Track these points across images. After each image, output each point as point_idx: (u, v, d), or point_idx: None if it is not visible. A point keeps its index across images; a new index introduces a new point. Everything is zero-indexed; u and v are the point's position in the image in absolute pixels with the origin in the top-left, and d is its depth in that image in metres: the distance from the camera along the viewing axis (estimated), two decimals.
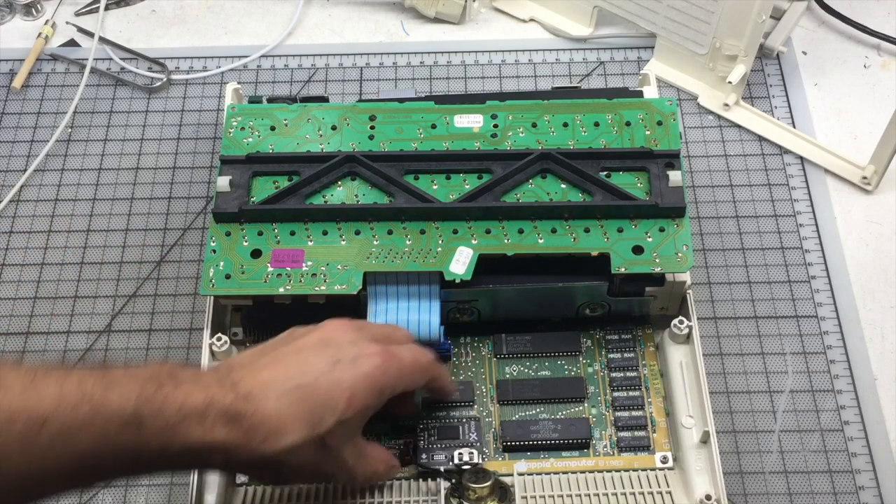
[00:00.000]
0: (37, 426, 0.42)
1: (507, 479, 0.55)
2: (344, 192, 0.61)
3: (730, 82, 0.74)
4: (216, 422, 0.45)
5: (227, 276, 0.58)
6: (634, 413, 0.59)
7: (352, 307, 0.59)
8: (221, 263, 0.59)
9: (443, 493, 0.54)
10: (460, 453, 0.57)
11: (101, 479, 0.48)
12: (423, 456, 0.58)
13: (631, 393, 0.60)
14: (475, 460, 0.57)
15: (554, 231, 0.59)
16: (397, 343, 0.53)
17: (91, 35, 0.82)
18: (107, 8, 0.84)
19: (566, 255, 0.58)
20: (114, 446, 0.43)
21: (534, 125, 0.63)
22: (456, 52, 0.82)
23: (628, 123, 0.63)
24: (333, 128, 0.63)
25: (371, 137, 0.63)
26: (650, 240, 0.58)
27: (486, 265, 0.58)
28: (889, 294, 0.68)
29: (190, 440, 0.45)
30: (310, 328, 0.52)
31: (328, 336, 0.51)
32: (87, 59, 0.79)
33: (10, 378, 0.42)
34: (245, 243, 0.59)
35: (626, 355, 0.61)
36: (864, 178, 0.72)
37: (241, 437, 0.46)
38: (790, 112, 0.78)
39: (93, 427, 0.43)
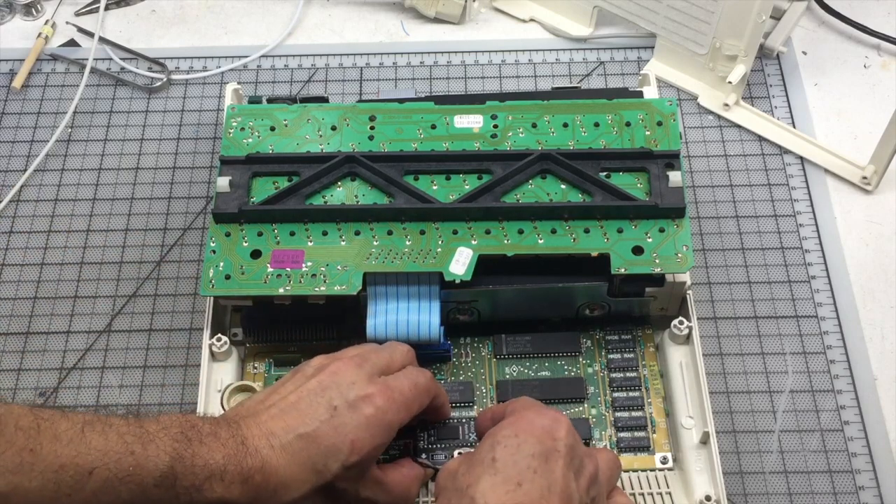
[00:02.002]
0: (85, 476, 0.44)
1: None
2: (344, 193, 0.61)
3: (730, 82, 0.74)
4: (233, 481, 0.47)
5: (227, 277, 0.58)
6: (634, 413, 0.59)
7: (352, 307, 0.59)
8: (221, 264, 0.59)
9: None
10: (460, 453, 0.57)
11: None
12: (423, 456, 0.58)
13: (631, 393, 0.60)
14: None
15: (554, 231, 0.59)
16: (398, 365, 0.54)
17: (91, 35, 0.82)
18: (107, 8, 0.84)
19: (566, 255, 0.58)
20: (148, 499, 0.46)
21: (534, 125, 0.63)
22: (456, 52, 0.82)
23: (628, 124, 0.63)
24: (333, 128, 0.63)
25: (371, 138, 0.63)
26: (650, 240, 0.58)
27: (485, 266, 0.58)
28: (889, 294, 0.68)
29: (213, 497, 0.47)
30: (317, 366, 0.53)
31: (329, 380, 0.51)
32: (87, 59, 0.79)
33: (62, 427, 0.45)
34: (245, 244, 0.59)
35: (625, 356, 0.61)
36: (864, 178, 0.72)
37: (252, 493, 0.48)
38: (790, 112, 0.78)
39: (133, 480, 0.45)
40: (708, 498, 0.55)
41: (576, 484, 0.47)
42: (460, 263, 0.58)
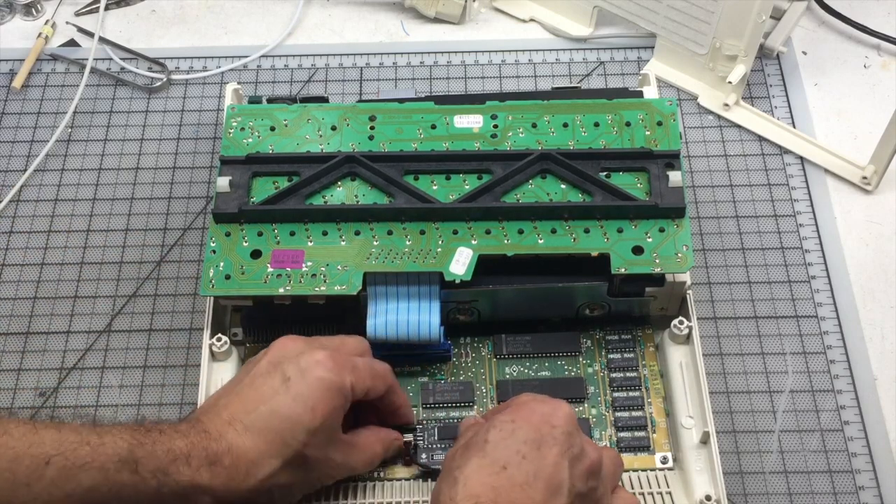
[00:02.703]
0: (41, 465, 0.45)
1: None
2: (344, 193, 0.61)
3: (730, 82, 0.74)
4: (200, 465, 0.48)
5: (227, 277, 0.58)
6: (634, 413, 0.59)
7: (352, 307, 0.59)
8: (221, 264, 0.59)
9: None
10: None
11: None
12: (423, 456, 0.58)
13: (631, 393, 0.60)
14: None
15: (554, 231, 0.59)
16: (351, 350, 0.55)
17: (91, 35, 0.82)
18: (107, 8, 0.84)
19: (566, 255, 0.58)
20: (113, 484, 0.46)
21: (534, 125, 0.63)
22: (456, 52, 0.82)
23: (628, 124, 0.63)
24: (333, 128, 0.63)
25: (371, 138, 0.63)
26: (650, 240, 0.58)
27: (485, 266, 0.58)
28: (889, 294, 0.68)
29: (181, 480, 0.47)
30: (262, 352, 0.53)
31: (276, 356, 0.52)
32: (87, 59, 0.79)
33: (12, 426, 0.46)
34: (245, 244, 0.59)
35: (625, 356, 0.61)
36: (864, 178, 0.72)
37: (223, 477, 0.48)
38: (790, 112, 0.78)
39: (92, 466, 0.46)
40: (708, 498, 0.55)
41: (570, 471, 0.47)
42: (460, 263, 0.58)
